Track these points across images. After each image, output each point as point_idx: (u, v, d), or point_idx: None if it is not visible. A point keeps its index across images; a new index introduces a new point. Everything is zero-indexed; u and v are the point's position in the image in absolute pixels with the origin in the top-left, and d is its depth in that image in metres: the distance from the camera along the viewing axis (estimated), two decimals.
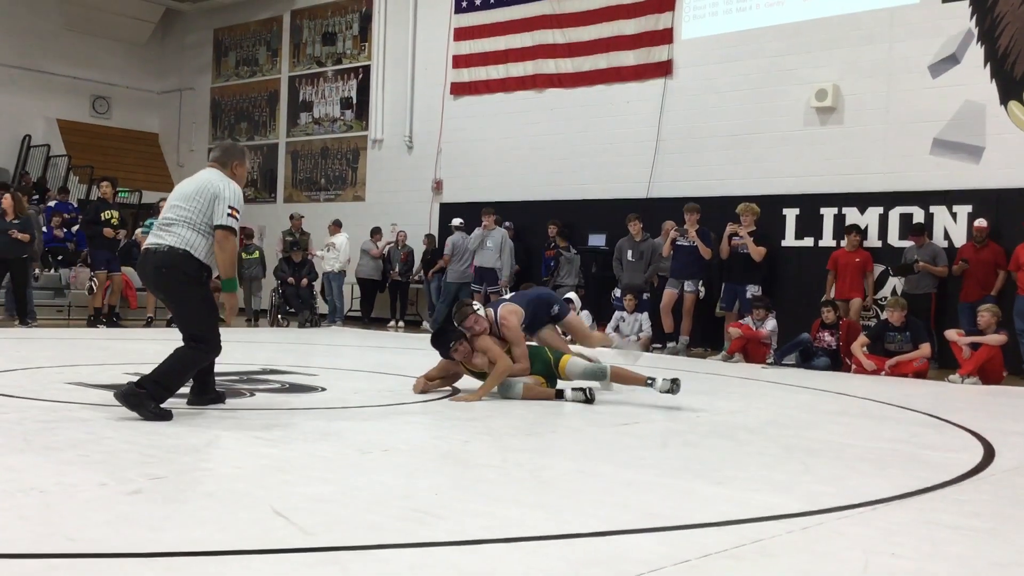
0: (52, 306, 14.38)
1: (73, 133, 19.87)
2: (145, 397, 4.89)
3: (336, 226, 15.62)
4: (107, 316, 13.11)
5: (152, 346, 9.83)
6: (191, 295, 5.13)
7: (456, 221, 14.76)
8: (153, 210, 14.26)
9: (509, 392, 6.32)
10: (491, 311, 6.61)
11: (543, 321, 6.99)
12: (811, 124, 12.40)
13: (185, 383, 5.19)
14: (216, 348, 5.19)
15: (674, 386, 6.22)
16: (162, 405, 4.94)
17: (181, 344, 5.11)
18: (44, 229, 15.77)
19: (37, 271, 15.06)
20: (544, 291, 7.77)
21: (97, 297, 13.05)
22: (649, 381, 6.31)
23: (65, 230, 15.98)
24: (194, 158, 20.81)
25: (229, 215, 5.05)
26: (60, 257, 15.59)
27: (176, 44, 21.43)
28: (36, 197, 17.41)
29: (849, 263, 11.26)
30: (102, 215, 12.75)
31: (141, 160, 20.46)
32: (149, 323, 13.33)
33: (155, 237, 5.16)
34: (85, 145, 19.59)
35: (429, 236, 15.87)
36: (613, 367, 6.51)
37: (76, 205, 17.29)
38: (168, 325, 11.45)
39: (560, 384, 6.54)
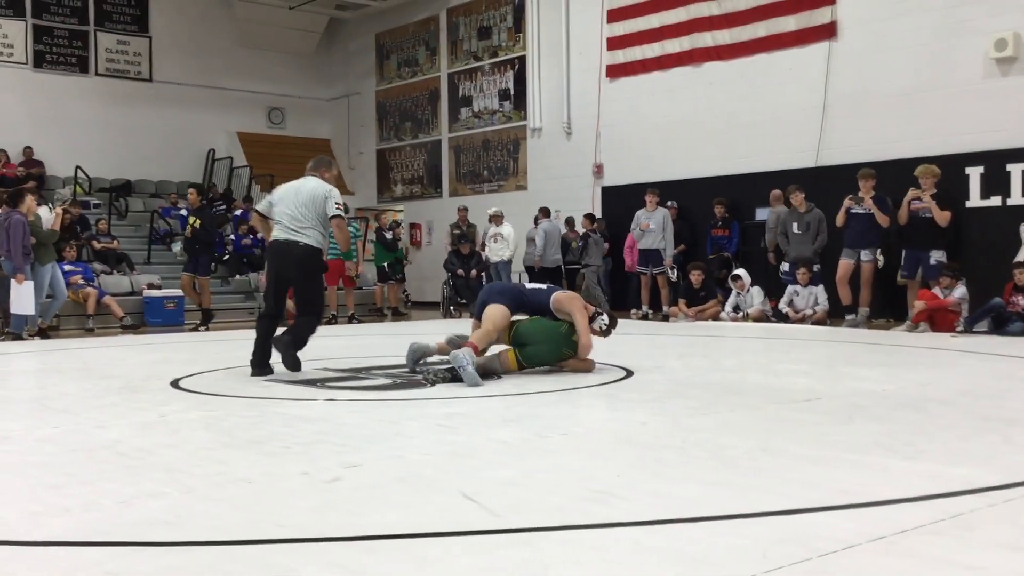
0: (244, 308, 15.27)
1: (252, 144, 21.00)
2: (289, 344, 6.84)
3: (500, 216, 15.85)
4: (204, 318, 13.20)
5: (335, 341, 10.31)
6: (319, 280, 7.21)
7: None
8: None
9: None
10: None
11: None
12: (991, 76, 11.65)
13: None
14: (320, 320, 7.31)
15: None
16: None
17: (301, 316, 7.04)
18: (232, 236, 16.78)
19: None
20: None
21: (204, 298, 13.24)
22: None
23: (252, 237, 16.92)
24: (363, 160, 21.62)
25: (337, 207, 6.88)
26: (245, 260, 16.53)
27: (341, 52, 22.29)
28: (223, 207, 18.54)
29: None
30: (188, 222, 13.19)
31: None
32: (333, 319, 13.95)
33: (290, 234, 6.81)
34: (264, 155, 20.66)
35: (598, 220, 15.91)
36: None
37: None
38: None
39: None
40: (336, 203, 6.88)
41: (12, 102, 18.46)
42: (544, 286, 7.25)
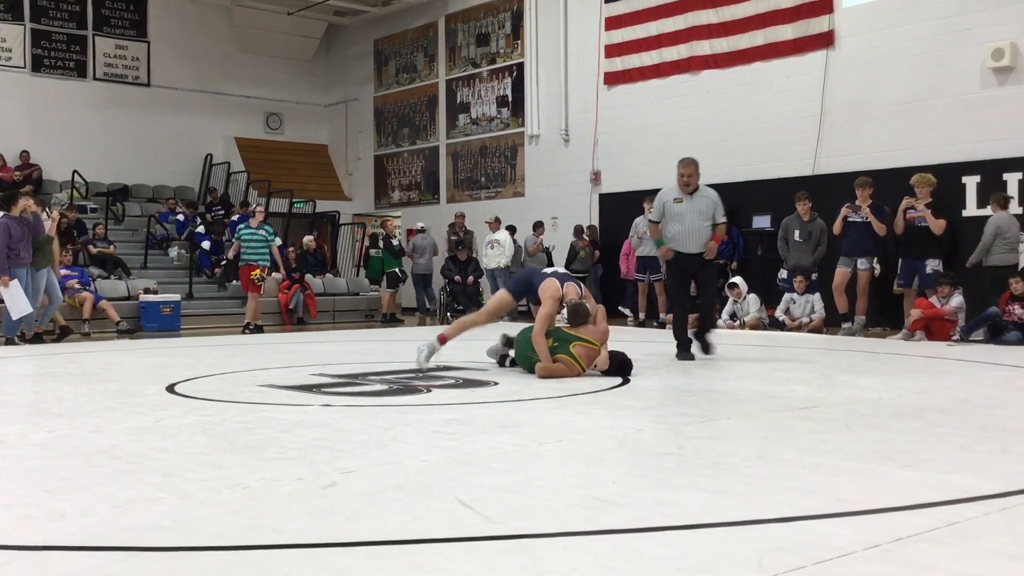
0: (239, 314, 15.23)
1: (250, 149, 20.99)
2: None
3: (496, 222, 15.86)
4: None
5: (331, 347, 10.30)
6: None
7: (419, 224, 16.86)
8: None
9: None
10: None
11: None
12: (988, 86, 11.70)
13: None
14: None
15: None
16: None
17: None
18: (231, 242, 16.73)
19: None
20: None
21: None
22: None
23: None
24: (361, 166, 21.63)
25: (643, 219, 8.42)
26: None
27: (340, 58, 22.31)
28: (221, 211, 18.52)
29: None
30: None
31: (313, 171, 21.43)
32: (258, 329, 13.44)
33: None
34: (261, 160, 20.67)
35: (591, 227, 15.92)
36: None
37: None
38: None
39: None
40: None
41: (10, 106, 18.45)
42: (549, 271, 7.76)
